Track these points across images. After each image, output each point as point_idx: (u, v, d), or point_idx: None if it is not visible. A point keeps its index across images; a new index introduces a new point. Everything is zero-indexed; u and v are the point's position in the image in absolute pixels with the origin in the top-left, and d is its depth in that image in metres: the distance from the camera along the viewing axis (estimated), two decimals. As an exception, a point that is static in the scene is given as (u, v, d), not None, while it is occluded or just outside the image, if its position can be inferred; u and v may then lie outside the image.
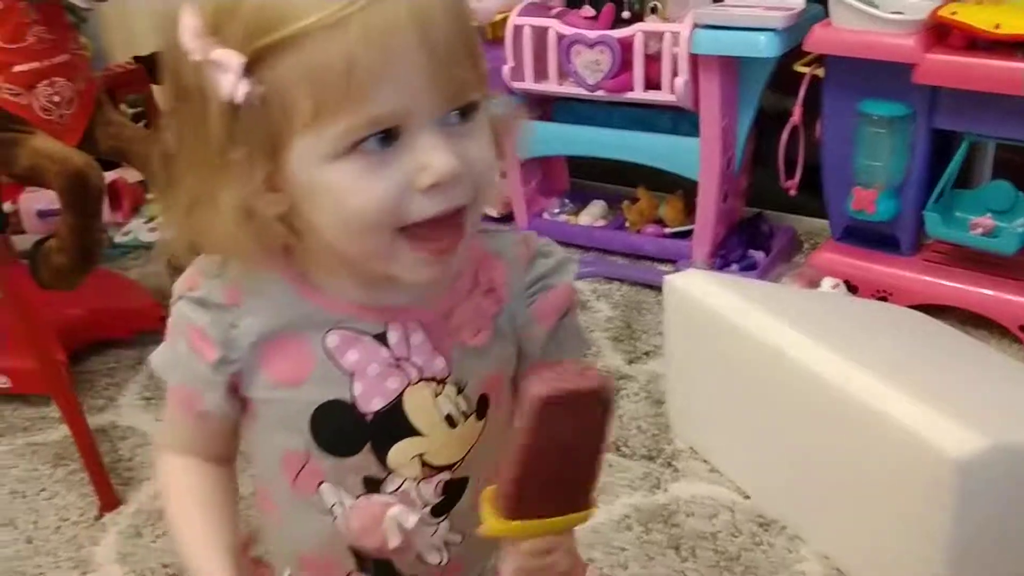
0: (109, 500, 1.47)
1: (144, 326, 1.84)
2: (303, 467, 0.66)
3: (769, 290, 1.63)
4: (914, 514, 1.11)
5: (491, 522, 0.60)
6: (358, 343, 0.63)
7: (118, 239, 2.28)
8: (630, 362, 1.76)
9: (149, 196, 2.54)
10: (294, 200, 0.57)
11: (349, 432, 0.64)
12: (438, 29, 0.54)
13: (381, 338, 0.63)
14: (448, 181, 0.55)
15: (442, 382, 0.65)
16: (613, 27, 1.95)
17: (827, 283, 1.73)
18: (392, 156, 0.54)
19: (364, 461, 0.65)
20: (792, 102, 1.82)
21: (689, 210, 2.07)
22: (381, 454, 0.65)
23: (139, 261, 2.27)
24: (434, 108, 0.55)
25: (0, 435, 1.67)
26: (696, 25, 1.79)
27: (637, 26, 1.89)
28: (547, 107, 2.19)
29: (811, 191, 1.93)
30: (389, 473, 0.65)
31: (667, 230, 2.10)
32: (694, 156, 1.93)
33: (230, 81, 0.53)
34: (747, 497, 1.41)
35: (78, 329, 1.79)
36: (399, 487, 0.66)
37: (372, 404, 0.64)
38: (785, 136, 1.82)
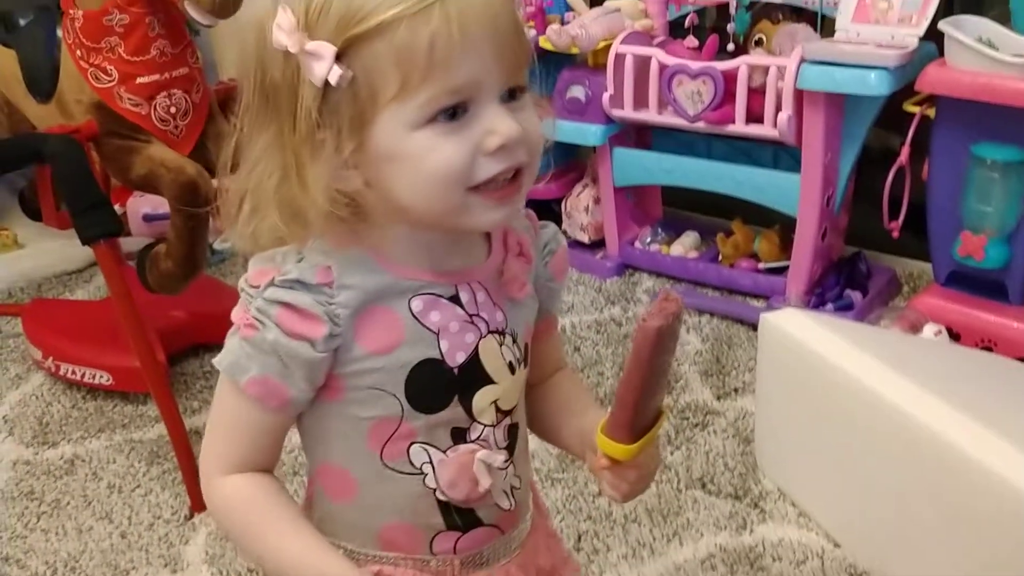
0: (200, 501, 1.51)
1: (240, 332, 1.89)
2: (393, 433, 0.70)
3: (869, 332, 1.59)
4: (1018, 571, 1.06)
5: (615, 450, 0.70)
6: (438, 305, 0.70)
7: (217, 245, 2.35)
8: (719, 397, 1.73)
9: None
10: (370, 175, 0.65)
11: (440, 386, 0.70)
12: (503, 17, 0.63)
13: (454, 299, 0.70)
14: (511, 144, 0.64)
15: (503, 333, 0.73)
16: (716, 58, 1.94)
17: (929, 329, 1.68)
18: (463, 125, 0.63)
19: (453, 413, 0.71)
20: (896, 139, 1.77)
21: (785, 246, 2.04)
22: (467, 404, 0.72)
23: (237, 268, 2.34)
24: (499, 82, 0.64)
25: (100, 430, 1.73)
26: (804, 60, 1.77)
27: (742, 59, 1.88)
28: (645, 135, 2.18)
29: (914, 232, 1.88)
30: (473, 422, 0.72)
31: (761, 265, 2.07)
32: (794, 191, 1.90)
33: (324, 67, 0.61)
34: (837, 546, 1.37)
35: (178, 332, 1.85)
36: (480, 434, 0.73)
37: (457, 358, 0.70)
38: (891, 176, 1.78)
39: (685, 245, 2.20)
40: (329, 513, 0.76)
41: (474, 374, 0.71)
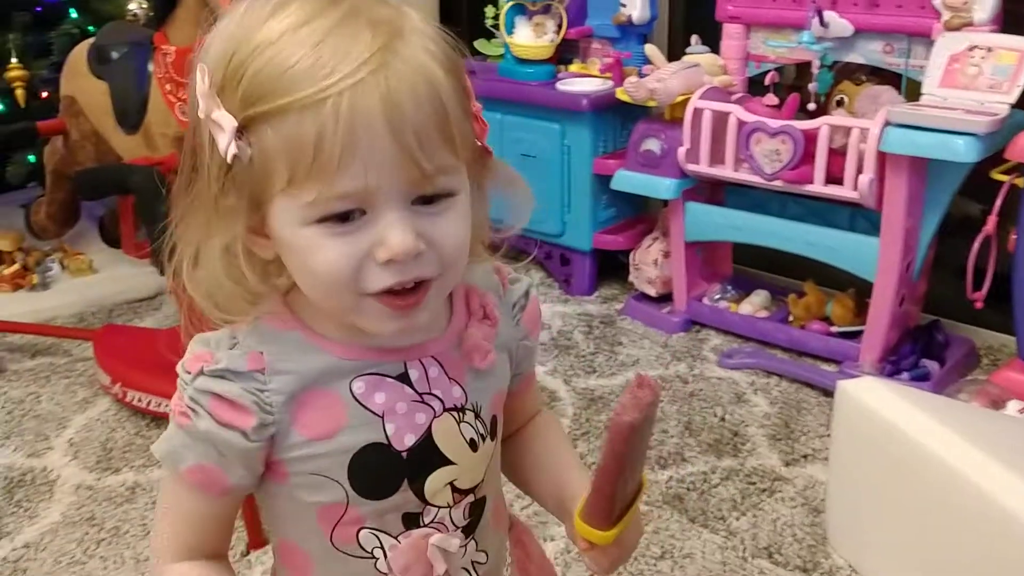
0: (257, 538, 1.50)
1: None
2: (340, 518, 0.67)
3: (950, 406, 1.53)
4: None
5: (595, 536, 0.68)
6: (383, 385, 0.66)
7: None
8: (787, 464, 1.68)
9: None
10: (279, 251, 0.63)
11: (387, 472, 0.67)
12: (408, 121, 0.57)
13: (403, 377, 0.67)
14: (404, 258, 0.59)
15: (461, 410, 0.69)
16: (795, 117, 1.92)
17: (1013, 406, 1.61)
18: (356, 229, 0.59)
19: (403, 498, 0.68)
20: (977, 207, 1.73)
21: (859, 310, 1.99)
22: (418, 488, 0.68)
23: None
24: (399, 191, 0.59)
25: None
26: (889, 123, 1.74)
27: (823, 119, 1.85)
28: (718, 191, 2.16)
29: (995, 303, 1.82)
30: (426, 505, 0.69)
31: (834, 328, 2.02)
32: (872, 255, 1.85)
33: (224, 140, 0.59)
34: (911, 628, 1.31)
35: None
36: (435, 517, 0.69)
37: (405, 440, 0.67)
38: (976, 245, 1.73)
39: (754, 304, 2.16)
40: None
41: (426, 456, 0.67)
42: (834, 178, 1.84)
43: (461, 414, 0.69)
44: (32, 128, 1.93)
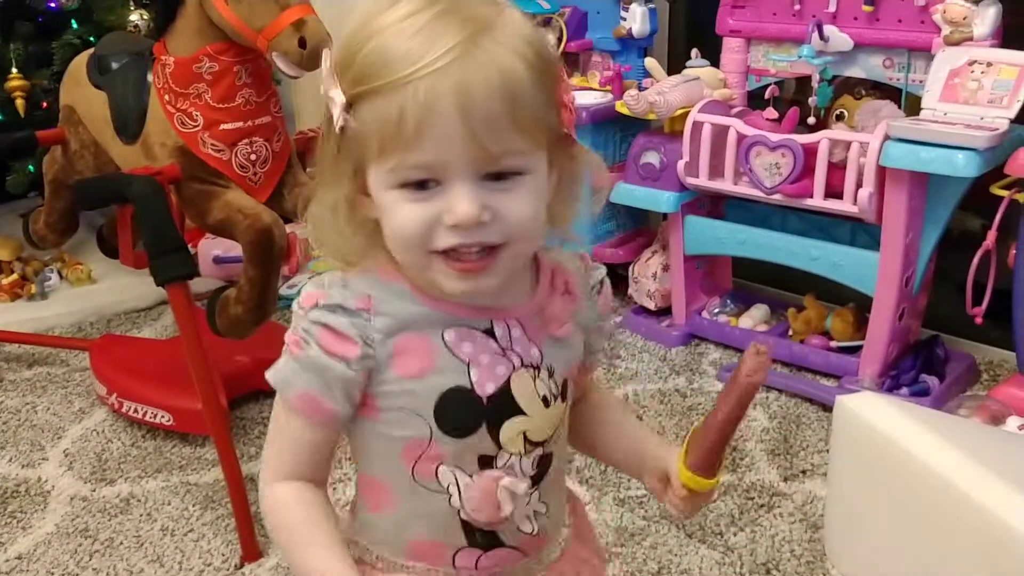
0: (252, 551, 1.49)
1: (302, 380, 1.89)
2: (423, 453, 0.74)
3: (950, 422, 1.52)
4: None
5: (700, 484, 0.78)
6: (471, 336, 0.74)
7: (283, 291, 2.35)
8: (785, 479, 1.67)
9: (316, 253, 2.65)
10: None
11: (468, 414, 0.74)
12: (478, 107, 0.65)
13: (489, 332, 0.74)
14: (466, 224, 0.67)
15: (538, 368, 0.76)
16: (795, 131, 1.91)
17: (1013, 422, 1.60)
18: (431, 195, 0.68)
19: (480, 440, 0.75)
20: (976, 222, 1.72)
21: (859, 325, 1.98)
22: (494, 432, 0.75)
23: (301, 315, 2.35)
24: (467, 167, 0.67)
25: (158, 471, 1.73)
26: (889, 137, 1.73)
27: (823, 133, 1.85)
28: (718, 205, 2.16)
29: (996, 318, 1.81)
30: (500, 450, 0.75)
31: (834, 343, 2.01)
32: (871, 270, 1.85)
33: (336, 113, 0.69)
34: (910, 646, 1.30)
35: (241, 377, 1.85)
36: (507, 462, 0.76)
37: (487, 388, 0.74)
38: (976, 260, 1.72)
39: (754, 318, 2.15)
40: (367, 521, 0.81)
41: (504, 405, 0.75)
42: (834, 192, 1.84)
43: (537, 372, 0.76)
44: (32, 137, 1.93)
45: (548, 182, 0.72)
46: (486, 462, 0.76)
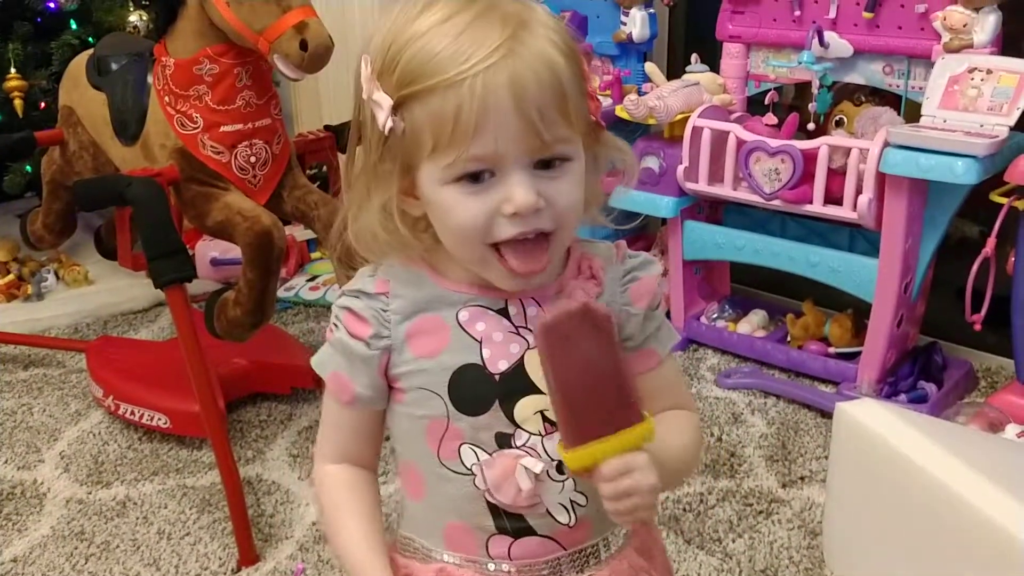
0: (248, 555, 1.49)
1: (300, 383, 1.89)
2: (444, 433, 0.76)
3: (949, 429, 1.52)
4: None
5: (563, 456, 0.71)
6: (484, 315, 0.76)
7: (281, 294, 2.35)
8: (784, 485, 1.67)
9: (314, 255, 2.64)
10: (426, 209, 0.74)
11: (481, 390, 0.76)
12: (531, 98, 0.68)
13: (502, 312, 0.77)
14: (526, 212, 0.69)
15: None
16: (795, 137, 1.92)
17: (1012, 429, 1.60)
18: (487, 188, 0.70)
19: (494, 418, 0.76)
20: (975, 229, 1.72)
21: (858, 331, 1.98)
22: (508, 409, 0.76)
23: (299, 317, 2.34)
24: (521, 157, 0.69)
25: (154, 473, 1.72)
26: (888, 144, 1.73)
27: (823, 139, 1.85)
28: (717, 210, 2.16)
29: (994, 325, 1.82)
30: (516, 428, 0.76)
31: (832, 349, 2.01)
32: (870, 276, 1.85)
33: (382, 116, 0.70)
34: (909, 654, 1.30)
35: (238, 379, 1.85)
36: (526, 442, 0.76)
37: (499, 365, 0.76)
38: (975, 267, 1.72)
39: (752, 323, 2.15)
40: (409, 510, 0.83)
41: (517, 382, 0.76)
42: (833, 198, 1.84)
43: None
44: (30, 138, 1.92)
45: (583, 167, 0.74)
46: (504, 441, 0.76)
